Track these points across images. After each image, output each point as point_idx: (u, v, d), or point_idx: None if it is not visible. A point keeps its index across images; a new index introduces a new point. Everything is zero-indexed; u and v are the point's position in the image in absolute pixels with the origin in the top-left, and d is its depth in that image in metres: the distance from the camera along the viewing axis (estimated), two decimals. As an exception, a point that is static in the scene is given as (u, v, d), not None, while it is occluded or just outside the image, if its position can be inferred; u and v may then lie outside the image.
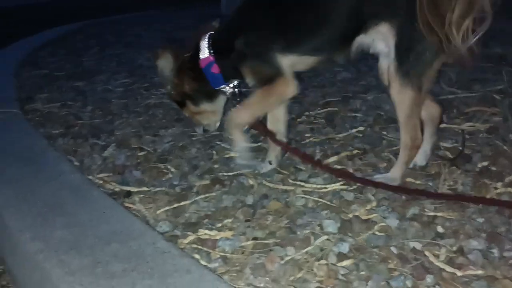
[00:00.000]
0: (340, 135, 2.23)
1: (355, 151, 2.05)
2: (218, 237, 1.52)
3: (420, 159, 1.90)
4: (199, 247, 1.48)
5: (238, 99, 1.93)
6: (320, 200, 1.69)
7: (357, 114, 2.48)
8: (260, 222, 1.60)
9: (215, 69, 1.87)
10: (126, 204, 1.77)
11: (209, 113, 2.05)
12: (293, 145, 2.16)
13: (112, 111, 2.86)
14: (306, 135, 2.26)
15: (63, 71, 4.02)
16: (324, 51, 1.77)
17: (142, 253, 1.42)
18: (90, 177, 2.00)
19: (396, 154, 2.03)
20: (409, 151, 1.75)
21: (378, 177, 1.79)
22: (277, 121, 1.99)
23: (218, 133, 2.25)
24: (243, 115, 1.85)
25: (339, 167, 1.94)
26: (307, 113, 2.53)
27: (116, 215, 1.67)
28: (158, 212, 1.71)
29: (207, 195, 1.80)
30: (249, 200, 1.74)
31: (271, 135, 1.96)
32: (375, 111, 2.48)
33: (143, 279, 1.30)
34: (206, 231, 1.55)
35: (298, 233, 1.51)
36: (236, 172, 1.95)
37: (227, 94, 1.96)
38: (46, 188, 1.88)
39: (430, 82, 1.70)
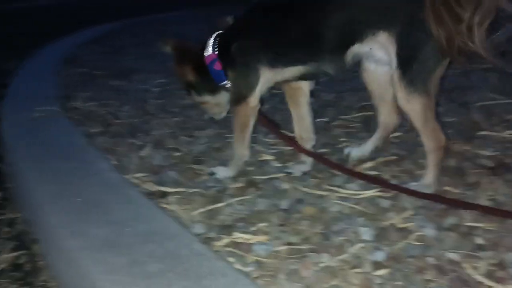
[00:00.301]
0: (376, 141, 2.20)
1: (392, 157, 2.02)
2: (252, 241, 1.53)
3: (356, 150, 1.99)
4: (234, 250, 1.49)
5: None
6: (356, 206, 1.68)
7: (393, 119, 2.44)
8: (294, 227, 1.59)
9: (217, 66, 1.92)
10: (162, 205, 1.80)
11: (212, 105, 2.12)
12: (328, 150, 2.16)
13: (149, 111, 2.91)
14: (341, 139, 2.24)
15: (102, 70, 4.12)
16: (312, 61, 1.77)
17: (178, 254, 1.44)
18: (127, 176, 2.04)
19: (434, 161, 1.99)
20: (436, 153, 1.73)
21: (413, 185, 1.76)
22: (303, 120, 2.01)
23: (253, 135, 2.26)
24: (238, 149, 1.96)
25: (374, 173, 1.92)
26: (342, 117, 2.51)
27: (152, 215, 1.70)
28: (193, 213, 1.73)
29: (241, 198, 1.81)
30: (284, 204, 1.74)
31: (274, 127, 2.05)
32: (413, 116, 2.44)
33: (179, 281, 1.32)
34: (241, 235, 1.56)
35: (333, 239, 1.50)
36: (270, 176, 1.96)
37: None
38: (85, 186, 1.93)
39: (435, 87, 1.69)
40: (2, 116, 2.98)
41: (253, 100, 1.87)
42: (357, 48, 1.71)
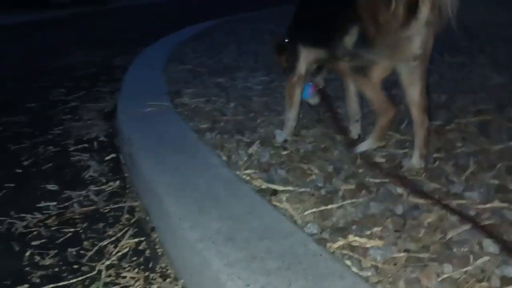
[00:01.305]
0: (496, 147, 2.08)
1: (515, 166, 1.90)
2: (368, 245, 1.51)
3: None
4: (349, 253, 1.48)
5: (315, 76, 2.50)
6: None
7: (515, 125, 2.29)
8: (411, 234, 1.55)
9: None
10: (273, 202, 1.83)
11: None
12: (442, 155, 2.07)
13: (254, 109, 2.97)
14: (457, 144, 2.14)
15: (205, 67, 4.27)
16: (324, 46, 2.20)
17: (295, 253, 1.46)
18: (237, 172, 2.10)
19: None
20: (382, 119, 2.06)
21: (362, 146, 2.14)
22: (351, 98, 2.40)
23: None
24: (288, 112, 2.47)
25: (496, 182, 1.82)
26: (456, 121, 2.39)
27: (265, 212, 1.73)
28: (305, 213, 1.74)
29: (353, 200, 1.79)
30: (398, 209, 1.70)
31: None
32: (537, 122, 2.27)
33: (298, 280, 1.33)
34: (356, 238, 1.55)
35: (455, 250, 1.44)
36: (382, 180, 1.92)
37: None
38: (200, 179, 2.01)
39: (380, 74, 2.01)
40: (119, 110, 3.19)
41: (299, 70, 2.34)
42: (349, 38, 2.02)
